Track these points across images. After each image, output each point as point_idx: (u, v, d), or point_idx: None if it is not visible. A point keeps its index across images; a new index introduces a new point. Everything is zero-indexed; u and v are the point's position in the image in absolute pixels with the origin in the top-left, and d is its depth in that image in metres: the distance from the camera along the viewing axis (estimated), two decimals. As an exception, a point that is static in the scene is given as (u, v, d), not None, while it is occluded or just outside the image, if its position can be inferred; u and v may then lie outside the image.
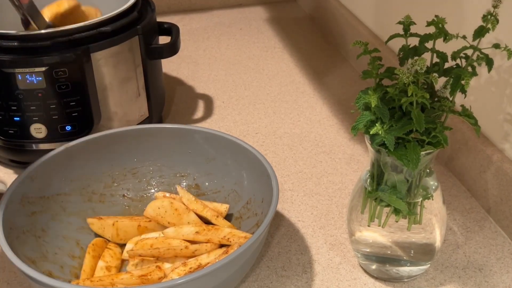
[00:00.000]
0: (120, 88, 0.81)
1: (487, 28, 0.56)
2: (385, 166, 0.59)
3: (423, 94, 0.53)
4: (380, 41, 1.03)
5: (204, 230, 0.65)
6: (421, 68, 0.53)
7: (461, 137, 0.79)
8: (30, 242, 0.62)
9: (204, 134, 0.73)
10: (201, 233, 0.65)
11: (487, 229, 0.73)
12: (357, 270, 0.67)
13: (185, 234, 0.66)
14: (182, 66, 1.15)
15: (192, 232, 0.66)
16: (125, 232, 0.68)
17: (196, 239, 0.65)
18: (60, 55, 0.73)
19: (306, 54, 1.19)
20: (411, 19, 0.60)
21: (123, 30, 0.78)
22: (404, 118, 0.56)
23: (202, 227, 0.66)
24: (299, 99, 1.03)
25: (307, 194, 0.80)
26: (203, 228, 0.66)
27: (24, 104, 0.75)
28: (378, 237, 0.63)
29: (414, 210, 0.60)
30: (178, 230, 0.66)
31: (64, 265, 0.63)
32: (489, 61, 0.57)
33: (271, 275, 0.67)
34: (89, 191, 0.71)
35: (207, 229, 0.66)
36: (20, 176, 0.64)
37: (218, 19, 1.38)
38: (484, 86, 0.75)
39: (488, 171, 0.74)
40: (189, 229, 0.66)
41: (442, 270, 0.67)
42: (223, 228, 0.66)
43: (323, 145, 0.90)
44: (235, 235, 0.64)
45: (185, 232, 0.66)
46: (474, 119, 0.57)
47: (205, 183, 0.74)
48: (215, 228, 0.66)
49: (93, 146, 0.71)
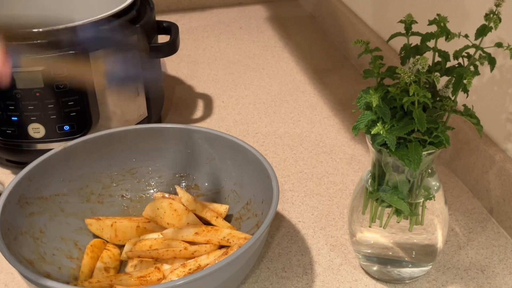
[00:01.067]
0: (119, 88, 0.80)
1: (490, 27, 0.56)
2: (387, 167, 0.59)
3: (425, 93, 0.53)
4: (381, 40, 1.03)
5: (204, 231, 0.65)
6: (423, 67, 0.53)
7: (463, 137, 0.79)
8: (28, 243, 0.62)
9: (203, 134, 0.73)
10: (200, 234, 0.65)
11: (490, 230, 0.73)
12: (358, 272, 0.67)
13: (184, 235, 0.66)
14: (182, 65, 1.15)
15: (191, 233, 0.66)
16: (124, 233, 0.68)
17: (195, 240, 0.65)
18: (58, 54, 0.73)
19: (307, 53, 1.19)
20: (412, 17, 0.60)
21: (122, 29, 0.78)
22: (405, 118, 0.56)
23: (201, 228, 0.66)
24: (299, 98, 1.03)
25: (308, 195, 0.80)
26: (202, 229, 0.66)
27: (22, 103, 0.75)
28: (379, 238, 0.63)
29: (416, 210, 0.60)
30: (177, 231, 0.66)
31: (63, 267, 0.63)
32: (492, 60, 0.57)
33: (271, 276, 0.67)
34: (87, 191, 0.71)
35: (207, 230, 0.66)
36: (17, 176, 0.64)
37: (218, 17, 1.38)
38: (486, 86, 0.75)
39: (491, 171, 0.74)
40: (188, 230, 0.66)
41: (444, 271, 0.67)
42: (223, 229, 0.66)
43: (324, 145, 0.90)
44: (234, 236, 0.64)
45: (184, 233, 0.66)
46: (476, 119, 0.57)
47: (204, 183, 0.74)
48: (214, 229, 0.66)
49: (92, 146, 0.71)
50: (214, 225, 0.68)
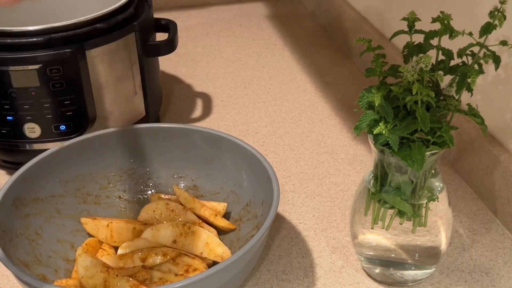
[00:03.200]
0: (116, 87, 0.80)
1: (494, 24, 0.56)
2: (389, 167, 0.59)
3: (428, 92, 0.53)
4: (384, 38, 1.03)
5: (181, 236, 0.65)
6: (426, 65, 0.53)
7: (467, 137, 0.79)
8: (23, 245, 0.62)
9: (202, 134, 0.73)
10: (177, 242, 0.65)
11: (494, 231, 0.73)
12: (360, 274, 0.67)
13: (164, 240, 0.65)
14: (180, 63, 1.15)
15: (170, 240, 0.65)
16: (120, 234, 0.68)
17: (174, 247, 0.65)
18: (54, 52, 0.73)
19: (308, 52, 1.19)
20: (415, 15, 0.60)
21: (119, 26, 0.78)
22: (408, 117, 0.56)
23: (179, 232, 0.66)
24: (300, 97, 1.03)
25: (309, 196, 0.80)
26: (180, 233, 0.65)
27: (17, 103, 0.75)
28: (381, 240, 0.63)
29: (419, 212, 0.60)
30: (156, 234, 0.66)
31: (59, 269, 0.63)
32: (496, 58, 0.57)
33: (272, 279, 0.67)
34: (84, 192, 0.71)
35: (184, 234, 0.65)
36: (13, 177, 0.64)
37: (217, 15, 1.38)
38: (491, 84, 0.75)
39: (495, 172, 0.74)
40: (166, 233, 0.66)
41: (448, 274, 0.67)
42: (202, 234, 0.65)
43: (325, 145, 0.90)
44: (211, 251, 0.64)
45: (163, 237, 0.65)
46: (480, 118, 0.57)
47: (203, 184, 0.74)
48: (193, 233, 0.65)
49: (88, 146, 0.71)
50: (212, 223, 0.69)
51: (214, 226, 0.69)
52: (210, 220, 0.69)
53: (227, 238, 0.69)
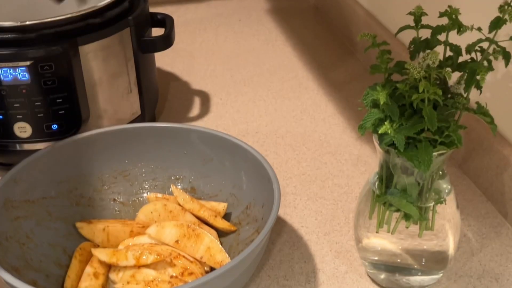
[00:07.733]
0: (110, 84, 0.81)
1: (504, 19, 0.56)
2: (395, 168, 0.59)
3: (435, 90, 0.53)
4: (389, 33, 1.03)
5: (185, 237, 0.65)
6: (433, 62, 0.53)
7: (476, 137, 0.79)
8: (13, 249, 0.62)
9: (200, 134, 0.73)
10: (179, 243, 0.65)
11: (504, 235, 0.73)
12: (364, 280, 0.67)
13: (166, 238, 0.66)
14: (177, 60, 1.15)
15: (172, 240, 0.65)
16: (117, 238, 0.68)
17: (175, 247, 0.65)
18: (45, 48, 0.73)
19: (310, 47, 1.19)
20: (422, 9, 0.60)
21: (113, 21, 0.78)
22: (415, 116, 0.56)
23: (183, 233, 0.66)
24: (302, 95, 1.03)
25: (311, 198, 0.80)
26: (184, 234, 0.65)
27: (7, 101, 0.75)
28: (387, 244, 0.63)
29: (426, 215, 0.60)
30: (160, 231, 0.66)
31: (50, 274, 0.63)
32: (506, 54, 0.57)
33: (272, 284, 0.67)
34: (77, 194, 0.72)
35: (188, 236, 0.65)
36: (3, 178, 0.64)
37: (216, 9, 1.38)
38: (501, 82, 0.75)
39: (505, 173, 0.74)
40: (170, 231, 0.66)
41: (456, 279, 0.67)
42: (205, 238, 0.66)
43: (328, 145, 0.90)
44: (211, 256, 0.64)
45: (166, 236, 0.66)
46: (490, 117, 0.57)
47: (201, 186, 0.74)
48: (196, 236, 0.65)
49: (81, 146, 0.72)
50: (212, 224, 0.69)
51: (214, 227, 0.69)
52: (210, 222, 0.69)
53: (227, 242, 0.69)
